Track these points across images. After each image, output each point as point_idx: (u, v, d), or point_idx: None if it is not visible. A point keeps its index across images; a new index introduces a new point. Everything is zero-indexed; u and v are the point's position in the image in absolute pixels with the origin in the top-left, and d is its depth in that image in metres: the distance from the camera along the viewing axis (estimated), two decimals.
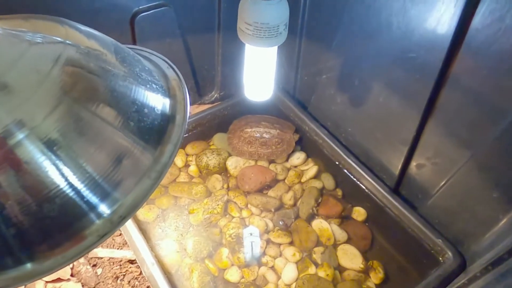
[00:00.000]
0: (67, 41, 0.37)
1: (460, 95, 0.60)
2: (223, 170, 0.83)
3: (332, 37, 0.75)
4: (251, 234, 0.76)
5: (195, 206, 0.76)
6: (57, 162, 0.33)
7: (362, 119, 0.77)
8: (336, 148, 0.81)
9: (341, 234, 0.74)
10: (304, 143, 0.88)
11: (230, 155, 0.85)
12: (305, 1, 0.76)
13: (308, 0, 0.75)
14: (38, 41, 0.36)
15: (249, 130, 0.86)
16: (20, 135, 0.32)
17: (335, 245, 0.73)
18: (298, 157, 0.85)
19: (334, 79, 0.79)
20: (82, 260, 0.66)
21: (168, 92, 0.45)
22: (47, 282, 0.64)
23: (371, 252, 0.74)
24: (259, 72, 0.57)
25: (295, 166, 0.85)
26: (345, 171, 0.80)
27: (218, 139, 0.88)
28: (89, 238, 0.36)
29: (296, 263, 0.71)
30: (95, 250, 0.67)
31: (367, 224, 0.76)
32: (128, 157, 0.37)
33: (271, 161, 0.86)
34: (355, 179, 0.78)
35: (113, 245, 0.68)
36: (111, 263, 0.65)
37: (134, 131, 0.38)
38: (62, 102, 0.33)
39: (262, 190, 0.81)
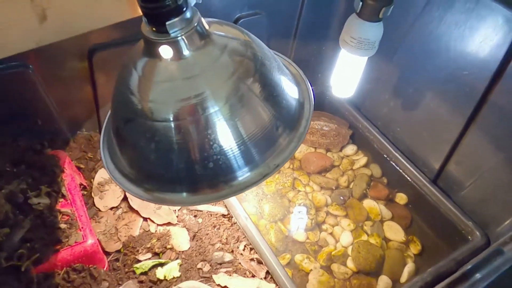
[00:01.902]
0: (240, 38, 0.52)
1: (500, 108, 0.76)
2: None
3: (394, 52, 0.91)
4: (299, 212, 0.93)
5: (269, 180, 0.93)
6: (232, 123, 0.48)
7: (411, 121, 0.94)
8: (385, 143, 0.98)
9: (387, 213, 0.91)
10: (356, 138, 1.05)
11: None
12: None
13: None
14: (229, 46, 0.50)
15: (311, 122, 1.02)
16: (204, 104, 0.46)
17: (382, 221, 0.90)
18: (351, 149, 1.02)
19: (390, 87, 0.96)
20: (185, 211, 0.83)
21: (296, 82, 0.61)
22: (158, 225, 0.80)
23: (411, 230, 0.90)
24: (349, 75, 0.74)
25: (348, 156, 1.02)
26: (392, 163, 0.97)
27: None
28: (252, 176, 0.51)
29: (351, 231, 0.87)
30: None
31: (408, 206, 0.93)
32: (281, 123, 0.53)
33: (328, 150, 1.02)
34: (400, 170, 0.95)
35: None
36: (209, 215, 0.82)
37: (283, 105, 0.54)
38: (231, 78, 0.48)
39: (321, 172, 0.97)
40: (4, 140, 0.76)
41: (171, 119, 0.46)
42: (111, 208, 0.82)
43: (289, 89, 0.57)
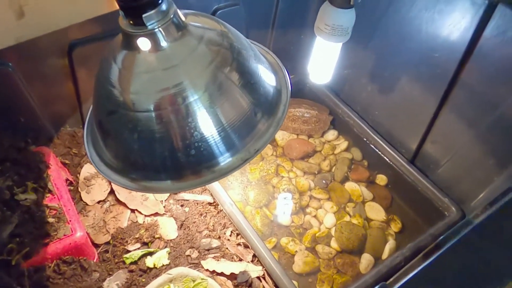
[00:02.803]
0: (216, 29, 0.54)
1: (470, 87, 0.80)
2: (272, 141, 1.02)
3: (369, 38, 0.94)
4: (285, 198, 0.95)
5: (253, 167, 0.95)
6: (211, 110, 0.50)
7: (388, 104, 0.97)
8: (364, 127, 1.01)
9: (368, 194, 0.94)
10: (336, 123, 1.07)
11: None
12: None
13: None
14: (205, 36, 0.52)
15: (292, 110, 1.05)
16: (184, 93, 0.48)
17: (363, 202, 0.93)
18: (332, 134, 1.05)
19: (367, 72, 0.99)
20: (172, 201, 0.84)
21: (274, 70, 0.63)
22: (146, 215, 0.82)
23: (391, 209, 0.94)
24: (325, 61, 0.76)
25: (329, 141, 1.05)
26: (371, 146, 1.00)
27: None
28: (234, 161, 0.53)
29: (334, 213, 0.90)
30: (182, 194, 0.86)
31: (388, 187, 0.96)
32: (260, 109, 0.55)
33: (309, 136, 1.05)
34: (379, 152, 0.98)
35: (194, 192, 0.86)
36: (196, 204, 0.84)
37: (261, 92, 0.56)
38: (209, 67, 0.50)
39: (304, 158, 1.00)
40: None
41: (153, 109, 0.48)
42: (99, 202, 0.84)
43: (267, 77, 0.59)
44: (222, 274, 0.73)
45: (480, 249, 0.51)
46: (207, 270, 0.74)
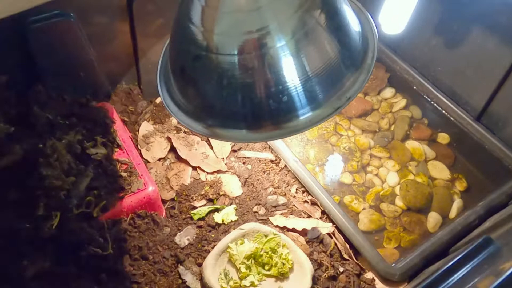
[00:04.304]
0: None
1: None
2: None
3: None
4: (344, 155, 0.92)
5: None
6: (299, 57, 0.47)
7: (454, 59, 0.91)
8: (425, 84, 0.96)
9: (430, 153, 0.91)
10: (394, 80, 1.03)
11: None
12: None
13: None
14: None
15: None
16: (269, 38, 0.45)
17: (426, 161, 0.90)
18: (390, 91, 1.00)
19: (432, 25, 0.93)
20: (233, 158, 0.83)
21: (360, 17, 0.59)
22: (208, 173, 0.81)
23: (455, 168, 0.90)
24: (400, 6, 0.71)
25: (386, 99, 1.00)
26: (433, 103, 0.95)
27: None
28: (326, 109, 0.50)
29: (397, 172, 0.88)
30: (243, 151, 0.84)
31: (451, 145, 0.93)
32: (349, 56, 0.52)
33: (365, 94, 1.01)
34: (441, 110, 0.94)
35: (256, 149, 0.85)
36: (258, 161, 0.82)
37: (350, 38, 0.52)
38: (298, 11, 0.46)
39: (361, 116, 0.97)
40: (49, 94, 0.75)
41: (239, 53, 0.45)
42: (159, 159, 0.83)
43: (354, 22, 0.55)
44: (293, 230, 0.72)
45: None
46: (276, 226, 0.73)
